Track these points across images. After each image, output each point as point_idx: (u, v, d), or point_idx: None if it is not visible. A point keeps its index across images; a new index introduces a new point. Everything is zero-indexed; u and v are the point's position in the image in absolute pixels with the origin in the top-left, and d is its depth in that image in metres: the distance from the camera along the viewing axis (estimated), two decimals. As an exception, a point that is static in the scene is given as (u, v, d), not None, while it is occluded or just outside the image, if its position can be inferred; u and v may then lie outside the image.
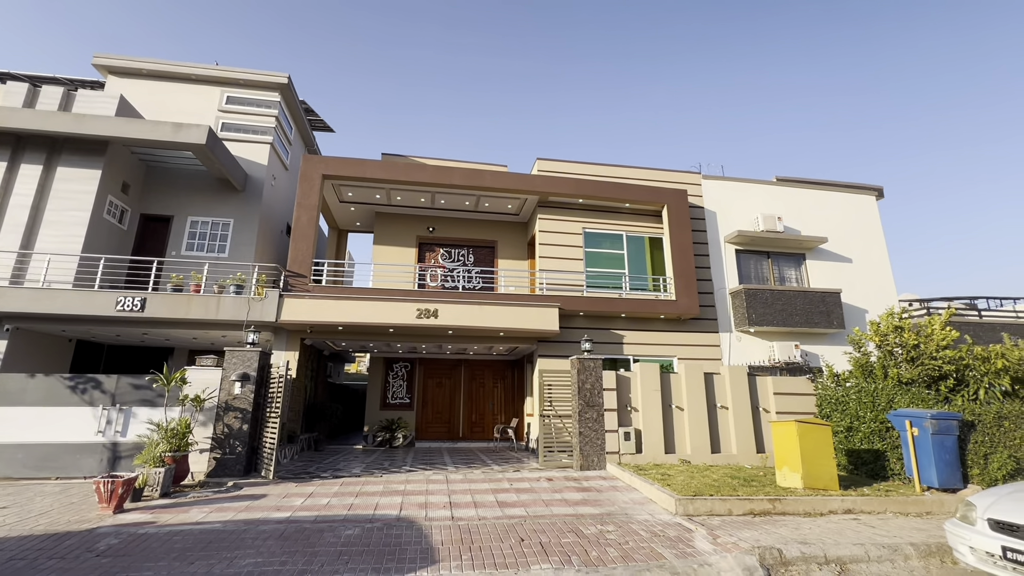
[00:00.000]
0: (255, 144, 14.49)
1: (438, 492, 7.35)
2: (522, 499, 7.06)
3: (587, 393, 9.32)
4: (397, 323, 11.30)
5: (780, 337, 13.92)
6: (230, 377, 8.40)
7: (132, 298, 10.40)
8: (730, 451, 9.71)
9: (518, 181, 13.22)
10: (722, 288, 14.27)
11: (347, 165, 12.51)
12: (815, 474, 7.39)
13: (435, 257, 14.97)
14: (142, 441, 7.88)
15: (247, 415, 8.33)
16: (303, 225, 11.89)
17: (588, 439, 9.12)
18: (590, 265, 13.68)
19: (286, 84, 14.95)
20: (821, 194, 15.90)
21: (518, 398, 15.43)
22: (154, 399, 8.37)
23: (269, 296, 10.96)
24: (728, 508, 6.58)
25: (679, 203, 13.96)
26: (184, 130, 11.66)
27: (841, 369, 10.81)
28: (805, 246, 14.98)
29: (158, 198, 13.58)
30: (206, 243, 13.49)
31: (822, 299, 13.99)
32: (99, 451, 8.10)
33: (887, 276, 15.39)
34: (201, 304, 10.65)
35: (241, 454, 8.13)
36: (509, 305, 11.82)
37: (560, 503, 6.90)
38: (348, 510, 6.31)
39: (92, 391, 8.29)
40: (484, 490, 7.54)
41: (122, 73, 14.25)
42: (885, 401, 8.66)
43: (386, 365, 15.31)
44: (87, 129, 11.40)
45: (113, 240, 12.37)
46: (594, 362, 9.50)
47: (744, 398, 9.94)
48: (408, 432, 14.37)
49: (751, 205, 15.13)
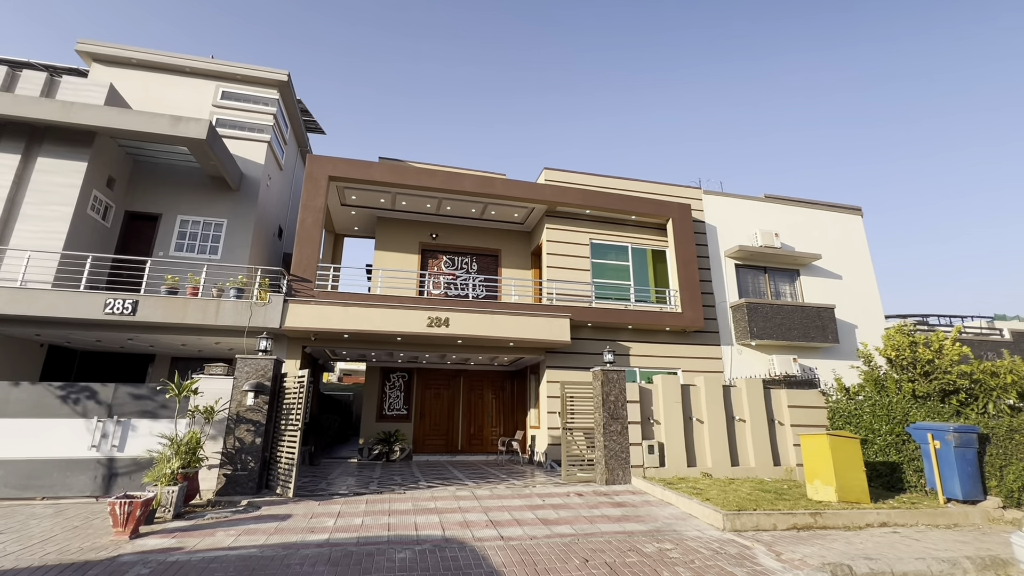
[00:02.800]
0: (251, 142, 13.86)
1: (472, 509, 7.01)
2: (562, 515, 6.81)
3: (611, 405, 9.18)
4: (407, 332, 10.91)
5: (779, 351, 14.22)
6: (242, 387, 7.83)
7: (123, 300, 9.65)
8: (748, 464, 9.74)
9: (529, 190, 13.10)
10: (723, 302, 14.49)
11: (355, 167, 12.09)
12: (848, 487, 7.46)
13: (438, 264, 14.62)
14: (142, 456, 7.22)
15: (260, 428, 7.77)
16: (308, 227, 11.38)
17: (613, 452, 8.96)
18: (596, 276, 13.65)
19: (286, 82, 14.42)
20: (811, 212, 16.46)
21: (518, 410, 15.15)
22: (156, 410, 7.71)
23: (273, 301, 10.38)
24: (773, 523, 6.53)
25: (684, 217, 14.15)
26: (183, 124, 11.01)
27: (847, 383, 11.07)
28: (800, 262, 15.43)
29: (145, 195, 12.76)
30: (197, 244, 12.73)
31: (818, 314, 14.40)
32: (92, 468, 7.37)
33: (874, 293, 16.02)
34: (199, 308, 9.99)
35: (254, 470, 7.56)
36: (521, 315, 11.62)
37: (602, 519, 6.69)
38: (388, 531, 5.91)
39: (86, 401, 7.56)
40: (519, 507, 7.25)
41: (109, 61, 13.41)
42: (901, 414, 8.87)
43: (383, 375, 14.77)
44: (75, 118, 10.61)
45: (96, 238, 11.50)
46: (617, 373, 9.39)
47: (760, 410, 10.02)
48: (406, 445, 13.86)
49: (748, 221, 15.50)
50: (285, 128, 15.60)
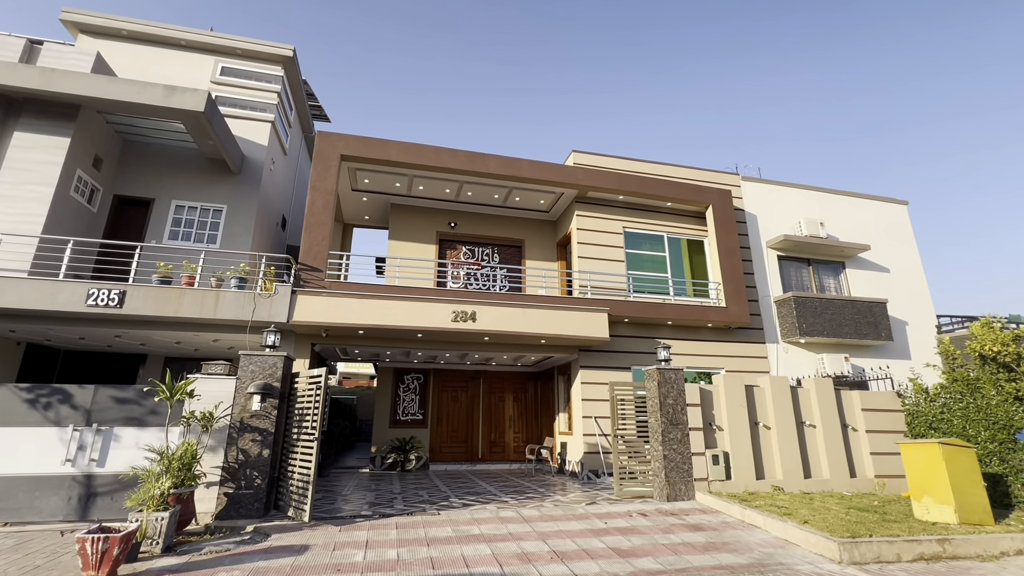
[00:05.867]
0: (253, 122, 12.67)
1: (526, 536, 5.81)
2: (636, 544, 5.62)
3: (669, 410, 7.99)
4: (429, 327, 9.73)
5: (829, 349, 13.08)
6: (247, 389, 6.62)
7: (108, 291, 8.45)
8: (821, 475, 8.57)
9: (558, 172, 11.94)
10: (766, 296, 13.35)
11: (369, 145, 10.91)
12: (968, 506, 6.30)
13: (456, 256, 13.44)
14: (129, 473, 6.00)
15: (268, 437, 6.56)
16: (318, 211, 10.20)
17: (674, 464, 7.77)
18: (631, 268, 12.50)
19: (291, 57, 13.25)
20: (854, 201, 15.35)
21: (543, 415, 13.95)
22: (144, 416, 6.50)
23: (280, 292, 9.19)
24: (896, 552, 5.36)
25: (725, 203, 13.02)
26: (179, 95, 9.82)
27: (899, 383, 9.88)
28: (846, 254, 14.31)
29: (136, 178, 11.54)
30: (193, 231, 11.52)
31: (869, 309, 13.26)
32: (66, 486, 6.15)
33: (923, 289, 14.90)
34: (196, 300, 8.78)
35: (260, 488, 6.34)
36: (555, 308, 10.45)
37: (686, 548, 5.50)
38: (432, 568, 4.71)
39: (59, 406, 6.34)
40: (579, 531, 6.06)
41: (97, 32, 12.21)
42: (1004, 418, 7.72)
43: (396, 376, 13.56)
44: (56, 87, 9.41)
45: (80, 223, 10.29)
46: (675, 373, 8.21)
47: (832, 415, 8.85)
48: (422, 453, 12.65)
49: (790, 209, 14.39)
50: (290, 110, 14.42)
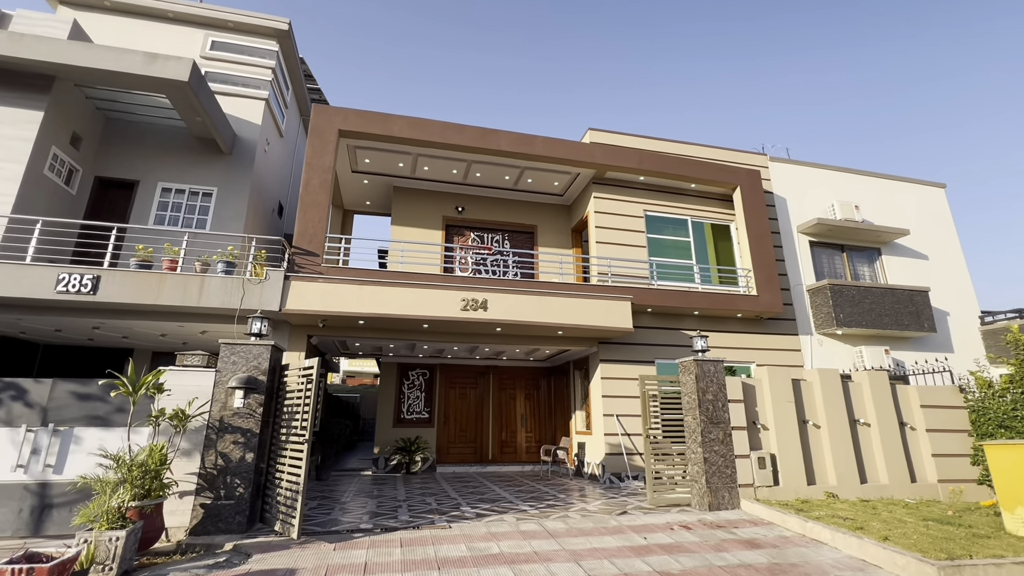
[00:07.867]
0: (246, 100, 11.78)
1: (554, 556, 4.90)
2: (686, 566, 4.70)
3: (709, 406, 7.06)
4: (436, 316, 8.84)
5: (868, 341, 12.09)
6: (227, 383, 5.74)
7: (80, 276, 7.61)
8: (878, 480, 7.62)
9: (574, 150, 11.02)
10: (798, 284, 12.38)
11: (370, 120, 10.03)
12: (1074, 519, 5.35)
13: (464, 242, 12.53)
14: (89, 482, 5.13)
15: (252, 439, 5.68)
16: (314, 190, 9.32)
17: (716, 467, 6.84)
18: (653, 254, 11.56)
19: (286, 32, 12.35)
20: (888, 184, 14.34)
21: (557, 413, 13.04)
22: (110, 415, 5.64)
23: (272, 277, 8.31)
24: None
25: (754, 184, 12.05)
26: (160, 62, 8.94)
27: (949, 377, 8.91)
28: (883, 239, 13.31)
29: (119, 159, 10.69)
30: (181, 216, 10.66)
31: (910, 298, 12.27)
32: (18, 496, 5.29)
33: (964, 276, 13.88)
34: (177, 286, 7.93)
35: (243, 498, 5.46)
36: (574, 296, 9.54)
37: (746, 571, 4.58)
38: (446, 601, 3.81)
39: (10, 403, 5.49)
40: (617, 549, 5.14)
41: (77, 4, 11.35)
42: (1095, 416, 6.77)
43: (400, 372, 12.67)
44: (26, 53, 8.56)
45: (56, 205, 9.45)
46: (715, 365, 7.28)
47: (889, 412, 7.90)
48: (428, 454, 11.80)
49: (821, 192, 13.40)
50: (286, 89, 13.54)
